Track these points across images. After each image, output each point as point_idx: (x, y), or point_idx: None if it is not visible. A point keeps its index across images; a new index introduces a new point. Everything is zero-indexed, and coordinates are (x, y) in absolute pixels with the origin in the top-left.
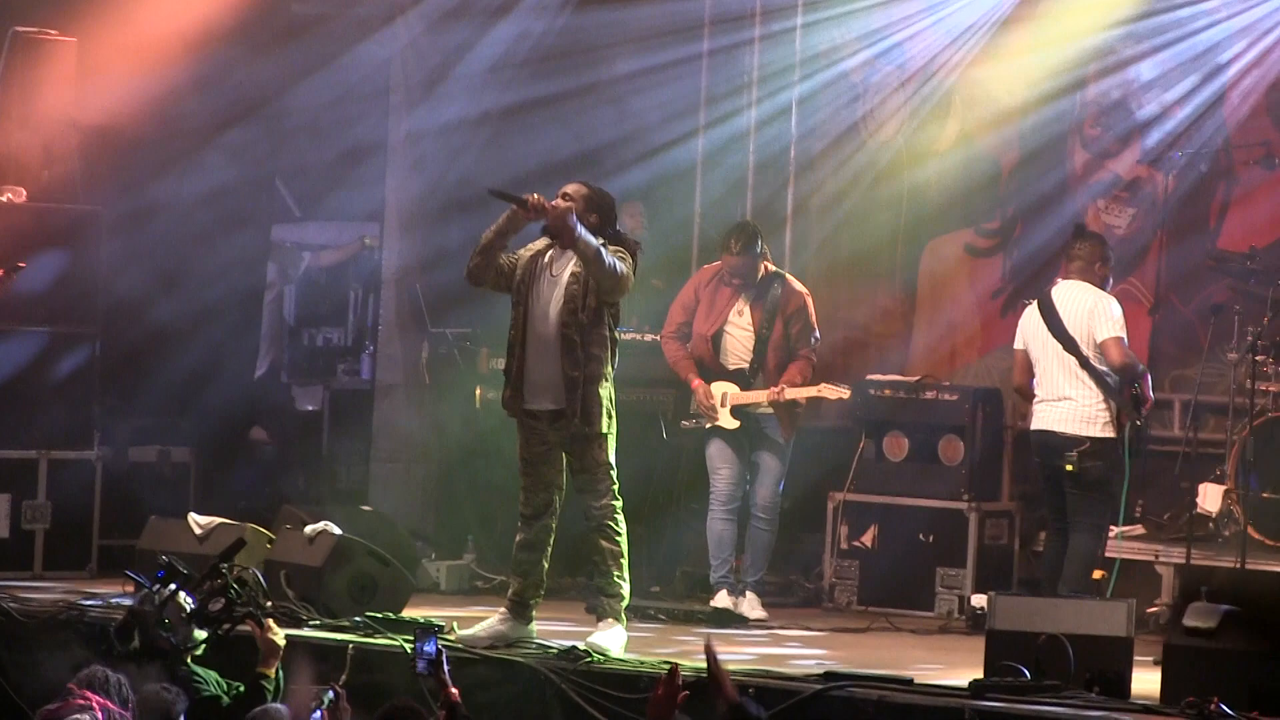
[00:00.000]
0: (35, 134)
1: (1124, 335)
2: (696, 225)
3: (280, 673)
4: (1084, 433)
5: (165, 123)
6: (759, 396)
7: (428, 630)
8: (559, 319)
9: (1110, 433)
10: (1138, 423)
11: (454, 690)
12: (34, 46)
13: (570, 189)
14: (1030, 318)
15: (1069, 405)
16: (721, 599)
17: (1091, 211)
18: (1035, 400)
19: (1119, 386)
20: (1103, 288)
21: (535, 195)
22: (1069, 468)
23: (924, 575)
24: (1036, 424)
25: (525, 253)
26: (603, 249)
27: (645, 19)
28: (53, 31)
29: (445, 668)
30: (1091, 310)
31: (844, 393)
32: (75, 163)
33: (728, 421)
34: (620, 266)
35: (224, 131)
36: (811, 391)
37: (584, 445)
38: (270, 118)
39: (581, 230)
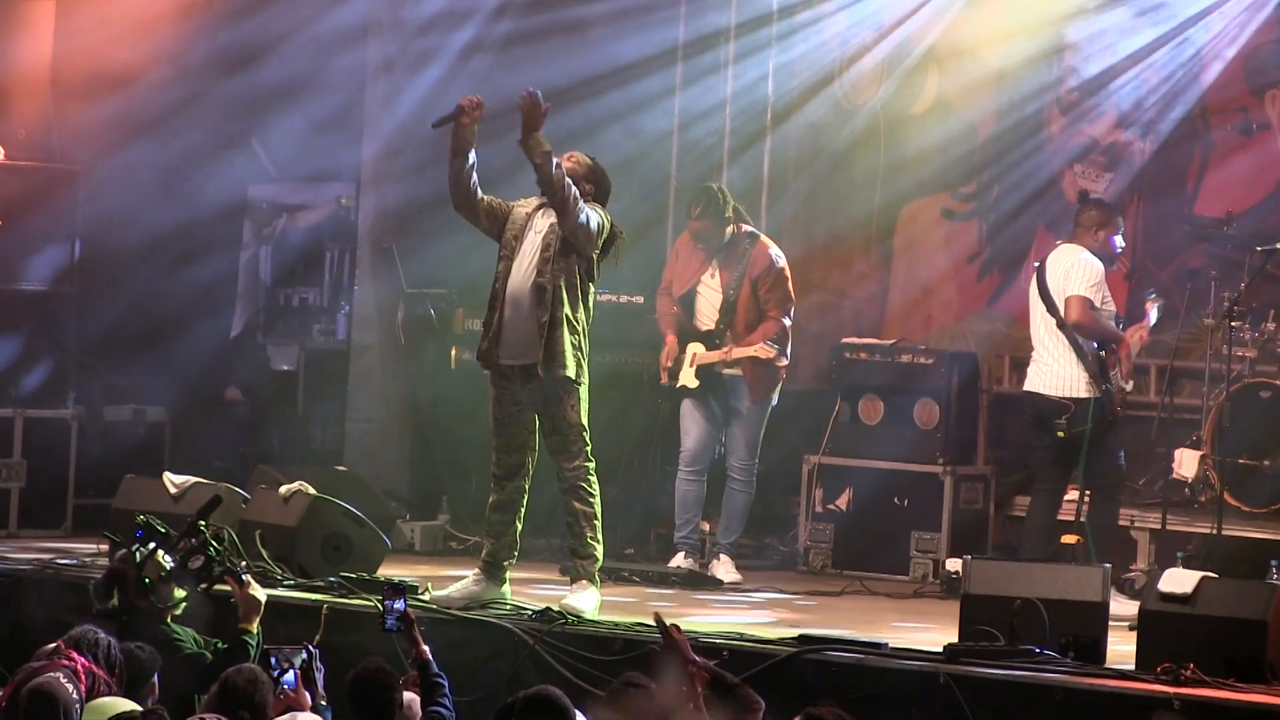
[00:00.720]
0: (13, 93)
1: (1092, 297)
2: (672, 188)
3: (260, 630)
4: (1066, 394)
5: (143, 82)
6: (714, 356)
7: (397, 589)
8: (534, 269)
9: (1093, 393)
10: (1104, 387)
11: (425, 649)
12: (11, 6)
13: (575, 155)
14: (1032, 280)
15: (1049, 366)
16: (678, 559)
17: (1068, 176)
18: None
19: (1089, 349)
20: (1103, 254)
21: (466, 99)
22: (1059, 434)
23: (899, 539)
24: (1026, 384)
25: (520, 208)
26: (554, 160)
27: None
28: None
29: (416, 626)
30: (1068, 271)
31: (770, 352)
32: (53, 122)
33: (689, 380)
34: (584, 208)
35: (202, 91)
36: (748, 351)
37: (555, 404)
38: (248, 78)
39: (543, 138)
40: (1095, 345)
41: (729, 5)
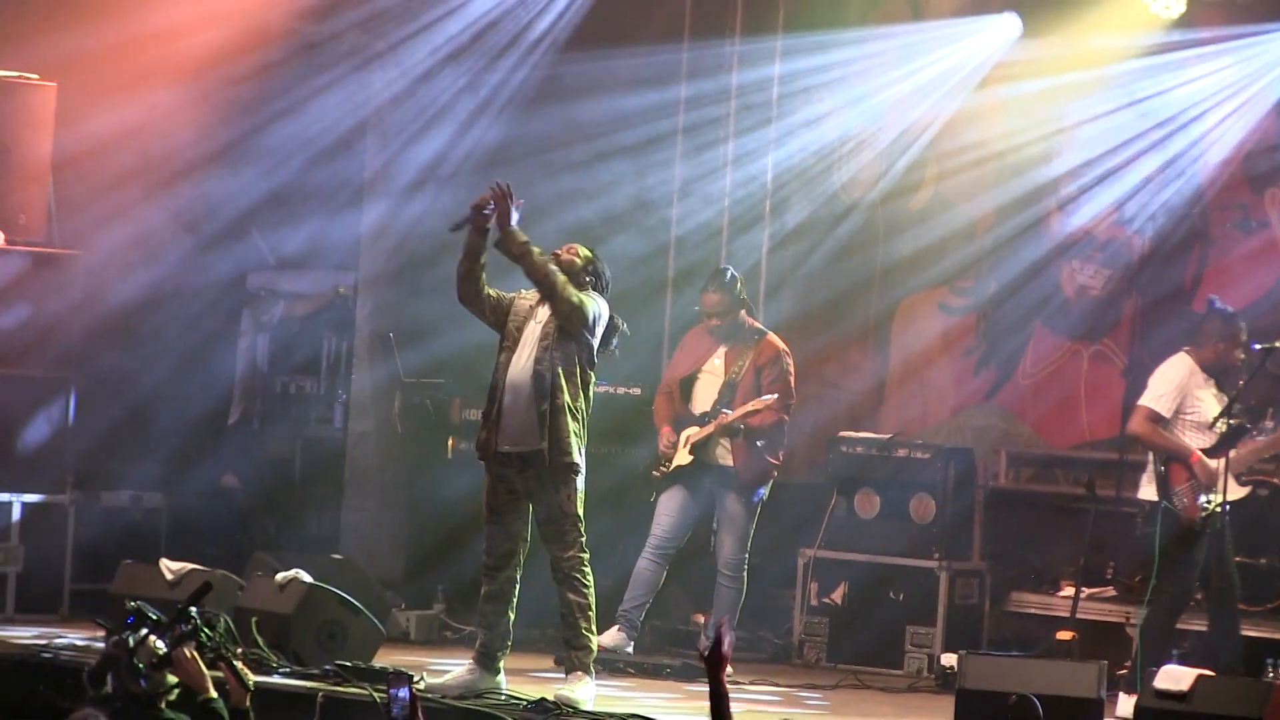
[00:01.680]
0: (13, 178)
1: (1157, 408)
2: (670, 282)
3: (251, 714)
4: (1140, 496)
5: (142, 168)
6: (707, 430)
7: (401, 677)
8: (533, 358)
9: (1163, 501)
10: (1163, 503)
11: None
12: (13, 91)
13: (574, 247)
14: None
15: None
16: (610, 635)
17: (1066, 271)
18: None
19: (1156, 459)
20: (1217, 366)
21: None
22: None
23: (894, 633)
24: None
25: (522, 300)
26: (534, 250)
27: (624, 64)
28: (33, 76)
29: (419, 715)
30: (1151, 378)
31: (768, 401)
32: (52, 207)
33: (682, 458)
34: (575, 293)
35: (201, 177)
36: (746, 408)
37: (553, 492)
38: (246, 165)
39: (517, 226)
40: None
41: (727, 99)
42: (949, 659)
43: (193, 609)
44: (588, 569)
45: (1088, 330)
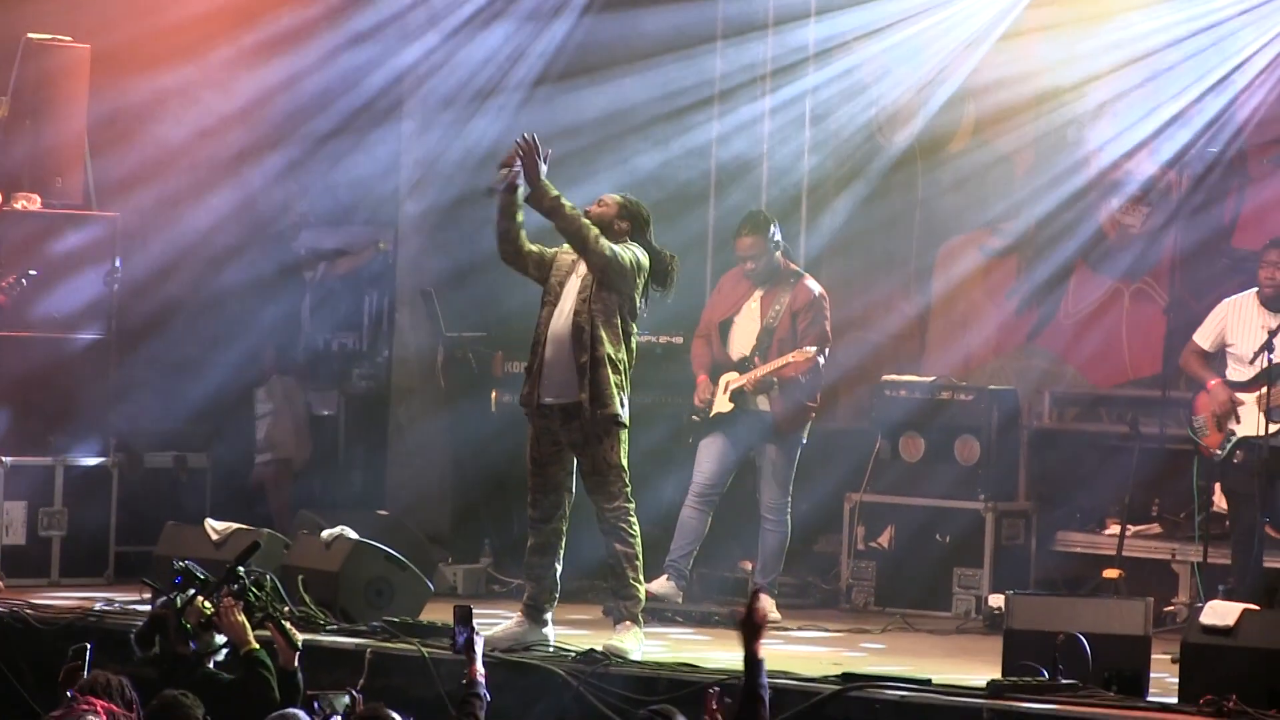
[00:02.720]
0: (48, 141)
1: (1197, 339)
2: (711, 228)
3: (299, 673)
4: None
5: (181, 130)
6: (747, 378)
7: (465, 613)
8: (573, 310)
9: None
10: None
11: (477, 668)
12: (47, 53)
13: (606, 197)
14: None
15: None
16: (659, 584)
17: (1106, 211)
18: None
19: None
20: (1267, 299)
21: (513, 153)
22: None
23: (941, 575)
24: None
25: (565, 255)
26: (565, 204)
27: (657, 26)
28: (66, 38)
29: (476, 649)
30: None
31: (808, 354)
32: (88, 169)
33: (723, 406)
34: (609, 245)
35: (241, 138)
36: (785, 359)
37: (595, 444)
38: (287, 123)
39: (550, 184)
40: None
41: (765, 41)
42: (996, 600)
43: (240, 568)
44: (633, 519)
45: (1129, 269)
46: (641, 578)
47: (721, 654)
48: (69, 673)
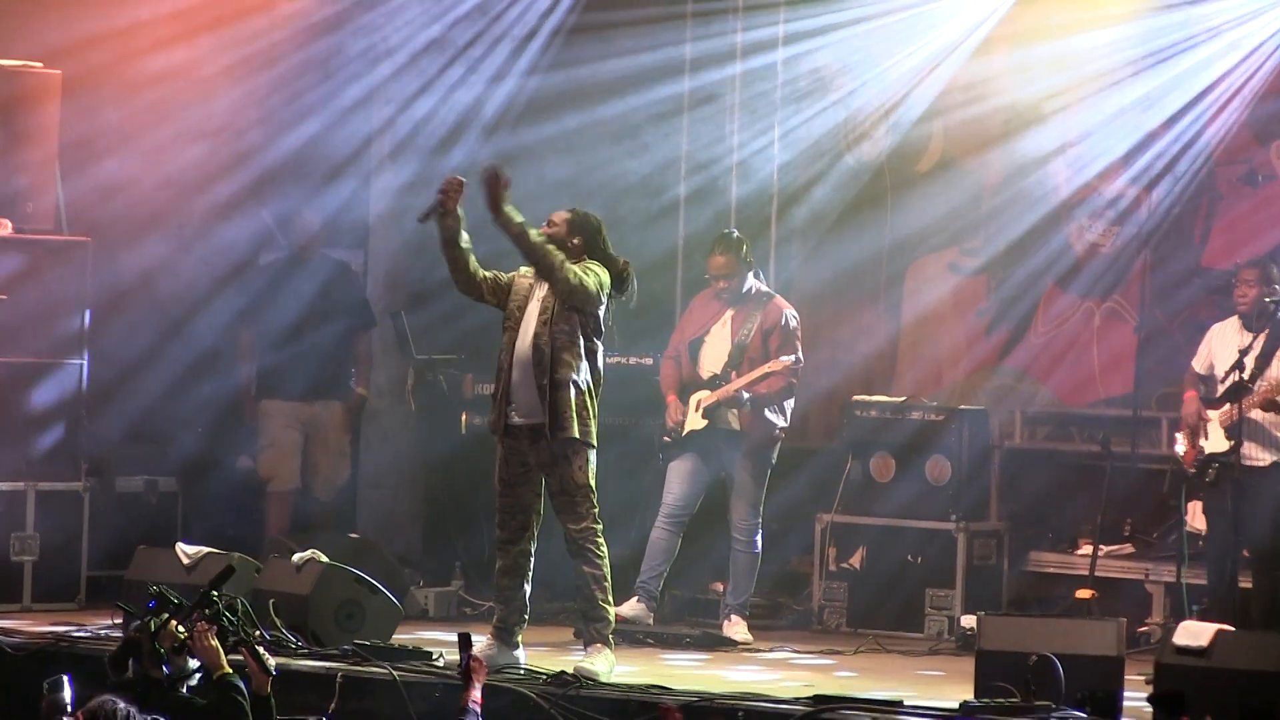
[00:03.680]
0: (19, 167)
1: (1194, 363)
2: (680, 248)
3: (272, 698)
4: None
5: (153, 155)
6: (720, 393)
7: (466, 639)
8: (534, 332)
9: None
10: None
11: (473, 693)
12: (17, 79)
13: (555, 216)
14: None
15: None
16: (629, 606)
17: (1075, 229)
18: None
19: None
20: (1244, 316)
21: (445, 182)
22: None
23: (913, 596)
24: None
25: (522, 279)
26: (531, 232)
27: (628, 56)
28: (37, 64)
29: (475, 673)
30: None
31: (785, 361)
32: (60, 195)
33: (696, 423)
34: (573, 269)
35: (209, 162)
36: (760, 370)
37: (563, 464)
38: (255, 146)
39: (514, 211)
40: None
41: (733, 61)
42: (968, 620)
43: (214, 592)
44: (601, 540)
45: (1099, 288)
46: (611, 599)
47: (693, 675)
48: (50, 706)
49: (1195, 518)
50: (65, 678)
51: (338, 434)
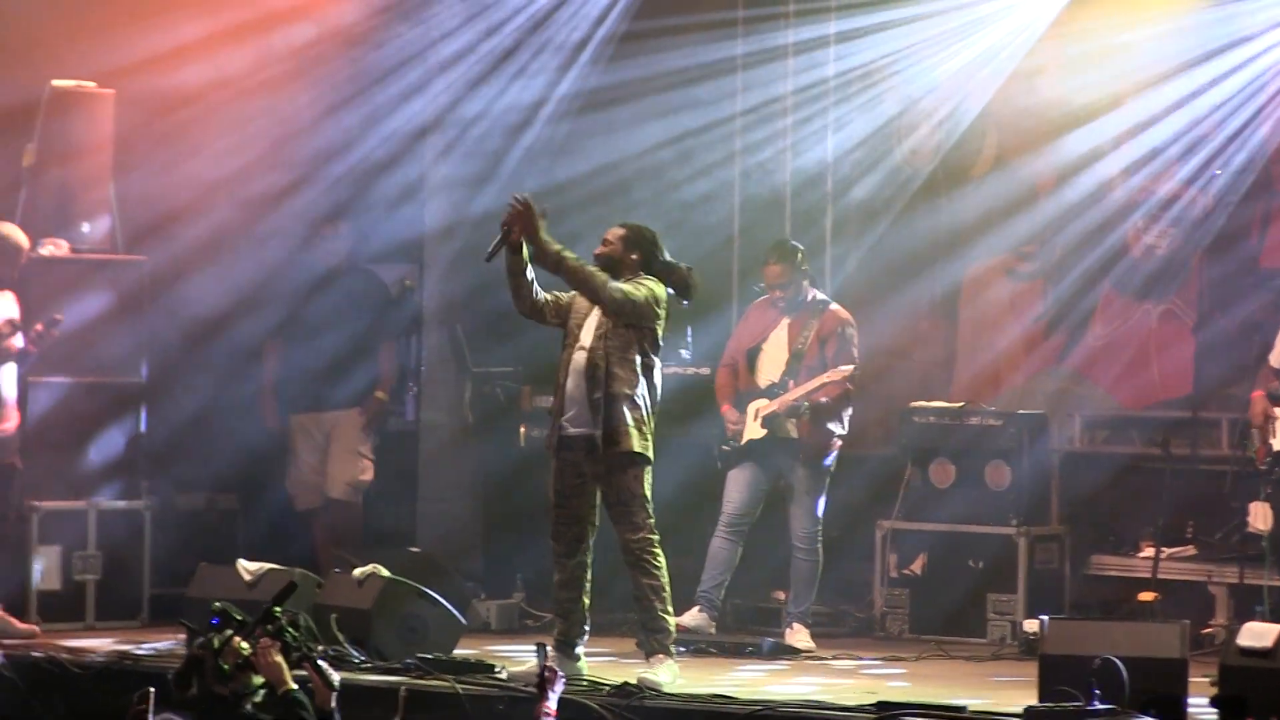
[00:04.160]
0: (75, 187)
1: (1270, 359)
2: (736, 257)
3: (336, 713)
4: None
5: (209, 172)
6: (779, 402)
7: (542, 649)
8: (589, 347)
9: None
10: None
11: (547, 705)
12: (71, 100)
13: (609, 234)
14: None
15: None
16: (691, 615)
17: (1131, 231)
18: None
19: None
20: None
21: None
22: None
23: (975, 601)
24: None
25: (581, 297)
26: (569, 258)
27: (680, 52)
28: (90, 84)
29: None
30: None
31: (844, 370)
32: (115, 214)
33: (754, 432)
34: (618, 286)
35: (264, 179)
36: (815, 384)
37: (618, 474)
38: (308, 163)
39: (550, 240)
40: None
41: (786, 73)
42: (1031, 625)
43: (277, 609)
44: (658, 550)
45: (1156, 289)
46: (670, 609)
47: (756, 684)
48: (135, 717)
49: (1257, 519)
50: (152, 690)
51: (351, 434)
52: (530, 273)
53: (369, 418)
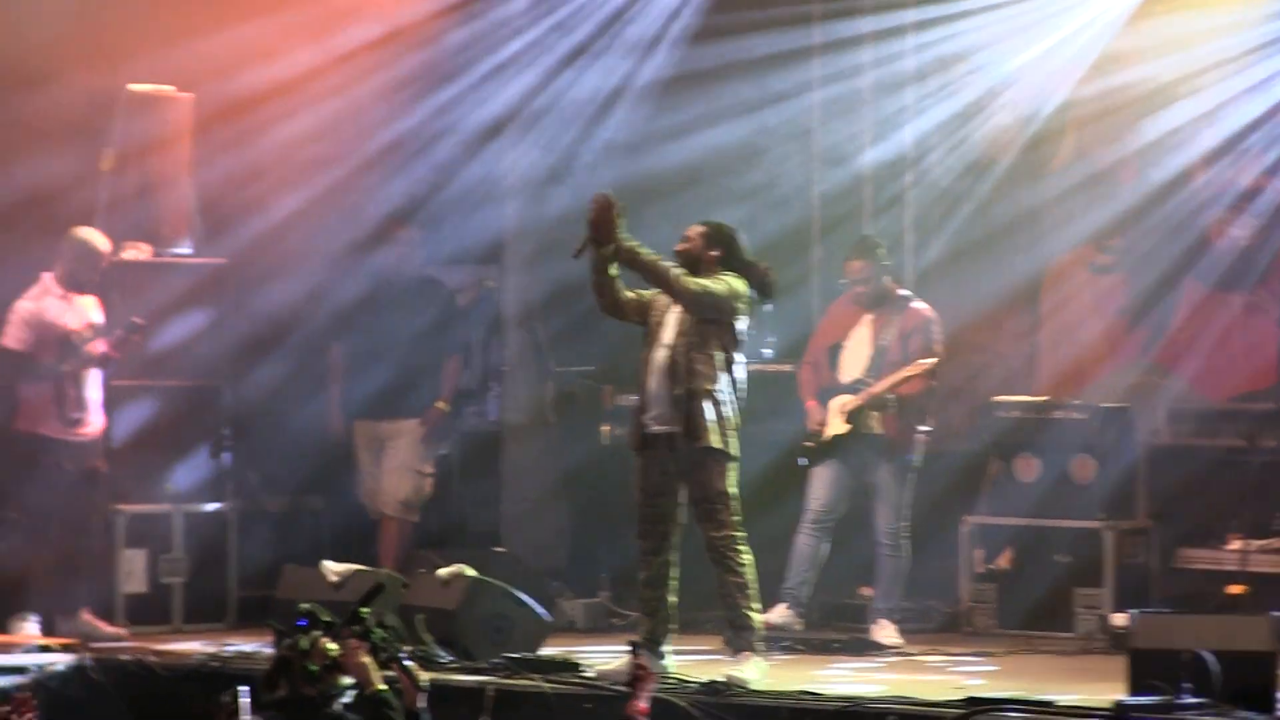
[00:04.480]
0: (155, 190)
1: None
2: (815, 253)
3: (425, 713)
4: None
5: (286, 173)
6: (862, 396)
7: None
8: (670, 343)
9: None
10: None
11: (638, 704)
12: (150, 104)
13: (689, 230)
14: None
15: None
16: (777, 612)
17: (1214, 223)
18: None
19: None
20: None
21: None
22: None
23: (1062, 596)
24: None
25: (662, 295)
26: (643, 254)
27: (758, 47)
28: (169, 88)
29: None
30: None
31: (926, 363)
32: (196, 218)
33: (838, 427)
34: (690, 281)
35: (338, 180)
36: (902, 373)
37: (701, 471)
38: (383, 164)
39: (627, 237)
40: None
41: (864, 69)
42: (1119, 619)
43: (364, 609)
44: (743, 547)
45: (1240, 281)
46: (756, 605)
47: (843, 680)
48: (226, 717)
49: None
50: (242, 689)
51: (408, 448)
52: (615, 269)
53: (429, 429)
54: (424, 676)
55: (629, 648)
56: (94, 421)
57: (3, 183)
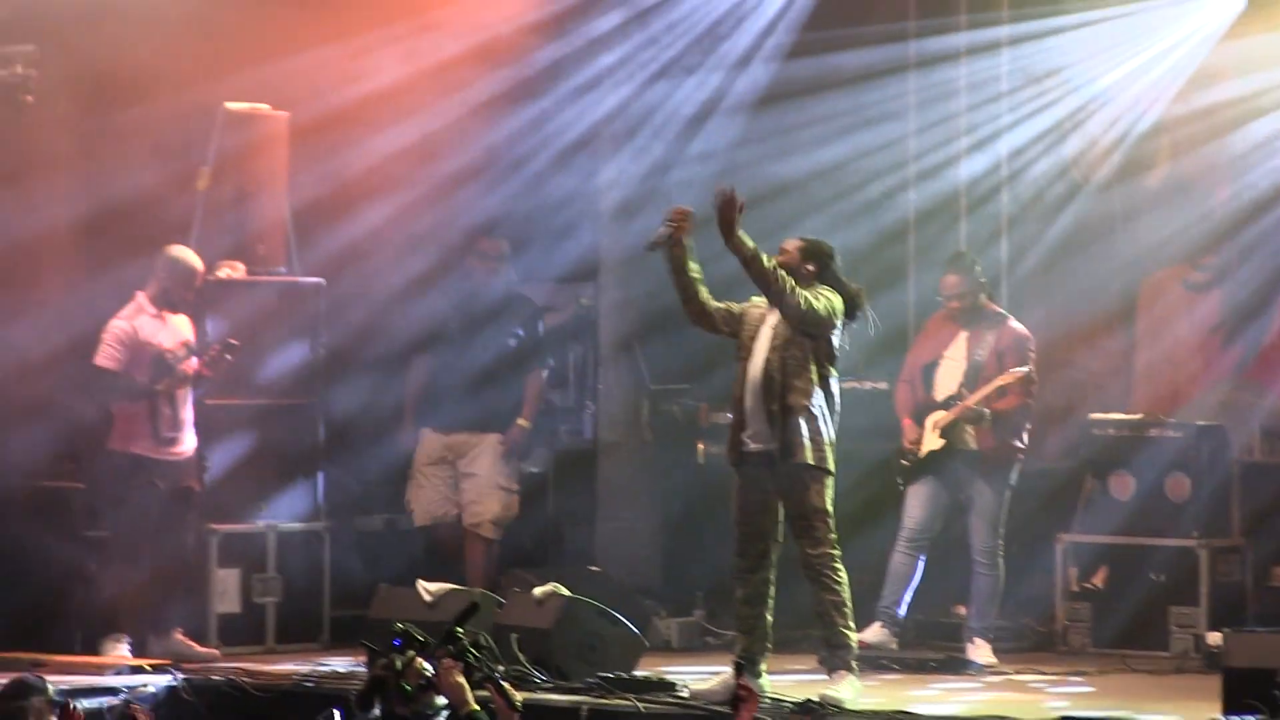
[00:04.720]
0: (251, 210)
1: None
2: (911, 271)
3: None
4: None
5: (383, 195)
6: (957, 410)
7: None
8: (765, 359)
9: None
10: None
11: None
12: (246, 123)
13: (786, 244)
14: None
15: None
16: (872, 631)
17: None
18: None
19: None
20: None
21: (672, 213)
22: None
23: (1157, 614)
24: None
25: (754, 309)
26: (762, 257)
27: (852, 62)
28: (264, 107)
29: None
30: None
31: (1020, 372)
32: (291, 236)
33: (934, 443)
34: (802, 294)
35: (434, 194)
36: (992, 387)
37: (799, 488)
38: (478, 180)
39: (742, 232)
40: None
41: (958, 90)
42: (1214, 638)
43: (459, 629)
44: (839, 565)
45: None
46: (852, 624)
47: (938, 699)
48: None
49: None
50: (336, 710)
51: (491, 465)
52: (695, 271)
53: (509, 445)
54: (518, 697)
55: (731, 668)
56: (187, 441)
57: (99, 199)
